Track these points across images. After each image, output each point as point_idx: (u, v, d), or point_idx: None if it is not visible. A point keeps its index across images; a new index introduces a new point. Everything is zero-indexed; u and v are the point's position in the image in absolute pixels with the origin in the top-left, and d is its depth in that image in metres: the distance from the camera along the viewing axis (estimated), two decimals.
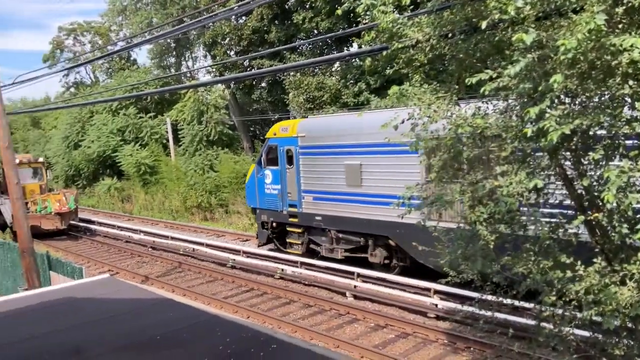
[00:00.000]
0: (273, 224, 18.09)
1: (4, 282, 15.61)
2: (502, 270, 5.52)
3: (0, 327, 6.14)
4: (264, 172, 18.03)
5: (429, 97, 4.99)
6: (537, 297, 5.21)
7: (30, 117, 57.21)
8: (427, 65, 5.65)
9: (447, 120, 4.94)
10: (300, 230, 17.20)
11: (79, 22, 54.07)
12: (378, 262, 15.08)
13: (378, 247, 15.02)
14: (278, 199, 17.46)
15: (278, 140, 17.36)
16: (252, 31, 29.54)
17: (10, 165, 13.14)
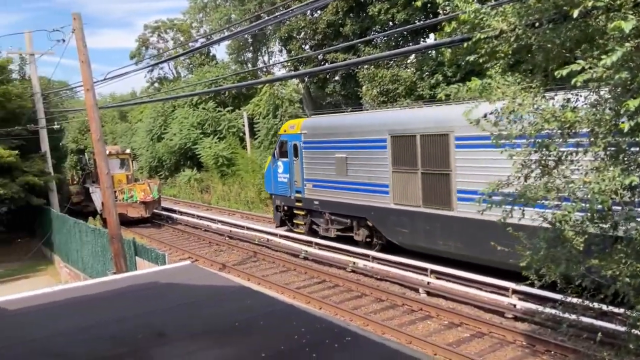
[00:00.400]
0: (284, 207, 21.00)
1: (95, 266, 16.71)
2: (588, 273, 5.22)
3: (93, 308, 6.58)
4: (277, 163, 20.83)
5: (513, 90, 4.76)
6: (628, 302, 4.88)
7: (118, 111, 60.75)
8: (511, 57, 5.42)
9: (533, 114, 4.70)
10: (304, 213, 19.93)
11: (162, 20, 56.63)
12: (361, 239, 17.36)
13: (361, 227, 17.32)
14: (287, 186, 20.25)
15: (287, 137, 20.12)
16: (327, 25, 29.64)
17: (101, 156, 14.03)
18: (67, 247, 20.07)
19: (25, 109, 24.50)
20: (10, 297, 7.10)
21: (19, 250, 24.90)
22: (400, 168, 15.27)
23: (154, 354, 4.82)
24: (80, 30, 13.27)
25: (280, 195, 21.02)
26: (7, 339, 5.47)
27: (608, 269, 4.42)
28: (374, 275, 15.53)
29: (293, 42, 32.66)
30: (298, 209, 20.17)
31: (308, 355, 4.58)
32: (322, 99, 38.09)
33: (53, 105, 29.86)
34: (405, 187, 15.17)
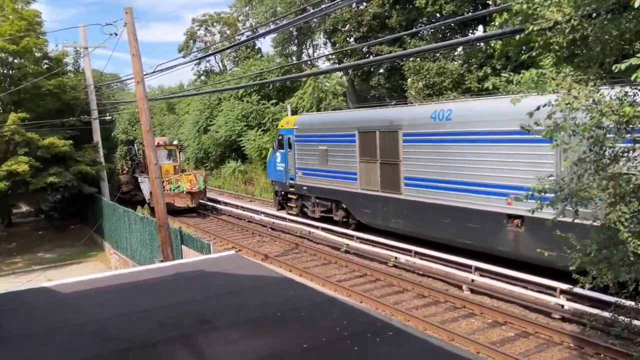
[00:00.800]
0: (282, 192, 24.30)
1: (142, 253, 17.25)
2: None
3: (141, 294, 6.80)
4: (276, 154, 24.05)
5: (570, 81, 4.57)
6: None
7: (167, 103, 62.31)
8: (565, 49, 5.22)
9: (588, 108, 4.51)
10: (296, 197, 23.07)
11: (210, 14, 57.58)
12: (339, 219, 20.45)
13: (339, 209, 20.39)
14: (283, 173, 23.47)
15: (284, 131, 23.38)
16: (373, 17, 29.39)
17: (150, 147, 14.41)
18: (116, 235, 20.79)
19: (79, 100, 25.46)
20: (64, 281, 7.42)
21: (71, 236, 25.99)
22: (365, 158, 18.28)
23: (199, 340, 4.93)
24: (132, 24, 13.64)
25: (278, 181, 24.42)
26: (60, 320, 5.73)
27: None
28: (416, 271, 15.38)
29: (338, 35, 32.56)
30: (291, 193, 23.33)
31: (349, 347, 4.58)
32: (366, 92, 37.89)
33: (105, 97, 30.93)
34: (369, 174, 18.12)
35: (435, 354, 4.54)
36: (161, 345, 4.87)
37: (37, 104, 23.97)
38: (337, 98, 34.08)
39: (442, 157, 15.03)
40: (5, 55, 23.39)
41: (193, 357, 4.61)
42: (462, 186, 14.44)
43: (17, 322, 5.73)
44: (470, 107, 15.05)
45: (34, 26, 23.98)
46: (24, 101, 23.85)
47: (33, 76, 23.06)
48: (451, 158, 14.72)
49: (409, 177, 16.32)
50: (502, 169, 13.22)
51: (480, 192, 13.94)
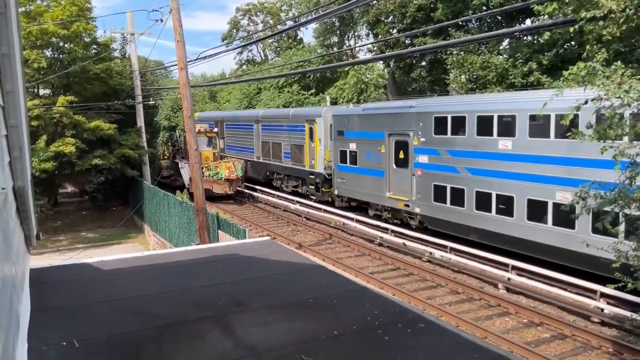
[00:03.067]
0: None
1: (180, 236, 17.63)
2: None
3: (178, 274, 6.95)
4: None
5: (620, 76, 4.37)
6: None
7: (209, 90, 63.14)
8: (618, 42, 5.01)
9: None
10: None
11: (253, 3, 57.89)
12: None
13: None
14: None
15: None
16: (417, 8, 28.92)
17: (191, 133, 14.67)
18: (156, 217, 21.31)
19: (124, 85, 26.12)
20: (104, 259, 7.65)
21: (113, 217, 26.81)
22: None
23: (233, 321, 5.01)
24: (177, 10, 13.86)
25: None
26: (99, 295, 5.91)
27: None
28: (451, 267, 15.20)
29: (381, 26, 32.21)
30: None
31: (380, 336, 4.56)
32: (408, 84, 37.47)
33: (149, 83, 31.58)
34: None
35: (466, 348, 4.47)
36: (196, 323, 4.97)
37: (84, 87, 24.73)
38: (378, 90, 33.80)
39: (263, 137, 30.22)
40: (56, 40, 24.17)
41: (226, 337, 4.68)
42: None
43: (58, 295, 5.95)
44: (270, 111, 32.38)
45: (84, 12, 24.68)
46: (72, 85, 24.65)
47: (82, 60, 23.78)
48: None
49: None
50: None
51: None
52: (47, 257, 19.40)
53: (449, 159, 16.56)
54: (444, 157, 16.79)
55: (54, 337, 4.59)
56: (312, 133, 24.91)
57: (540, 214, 13.48)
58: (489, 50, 24.73)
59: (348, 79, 34.91)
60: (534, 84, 20.77)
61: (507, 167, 14.53)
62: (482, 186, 15.27)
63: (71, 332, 4.69)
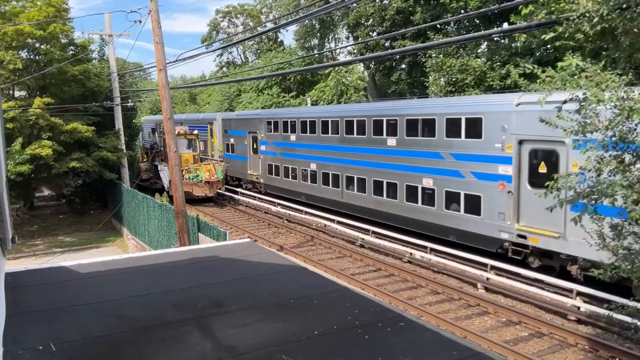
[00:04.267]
0: None
1: (160, 239, 17.45)
2: None
3: (157, 276, 6.88)
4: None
5: (600, 76, 4.45)
6: None
7: (188, 93, 62.76)
8: (592, 42, 5.11)
9: (616, 104, 4.40)
10: None
11: (233, 5, 57.76)
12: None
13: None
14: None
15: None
16: (397, 12, 29.18)
17: (171, 134, 14.54)
18: (135, 221, 21.05)
19: (102, 87, 25.77)
20: (82, 262, 7.54)
21: (91, 221, 26.40)
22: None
23: (212, 322, 4.98)
24: (156, 11, 13.75)
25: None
26: (77, 298, 5.83)
27: None
28: (431, 268, 15.32)
29: (360, 29, 32.42)
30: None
31: (361, 335, 4.58)
32: (387, 87, 37.71)
33: (127, 85, 31.24)
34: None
35: (445, 346, 4.52)
36: (175, 326, 4.93)
37: (61, 89, 24.33)
38: (358, 92, 33.96)
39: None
40: (32, 41, 23.76)
41: (206, 338, 4.65)
42: None
43: (34, 298, 5.85)
44: (190, 115, 40.25)
45: (61, 13, 24.30)
46: (49, 86, 24.24)
47: (58, 62, 23.41)
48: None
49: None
50: None
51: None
52: (23, 262, 19.03)
53: (273, 147, 26.60)
54: (271, 147, 26.73)
55: (30, 341, 4.51)
56: (212, 131, 33.80)
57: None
58: (467, 54, 25.05)
59: (328, 81, 35.02)
60: (512, 86, 21.09)
61: (301, 151, 24.14)
62: (288, 163, 25.34)
63: (48, 336, 4.62)
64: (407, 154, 17.40)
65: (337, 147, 21.37)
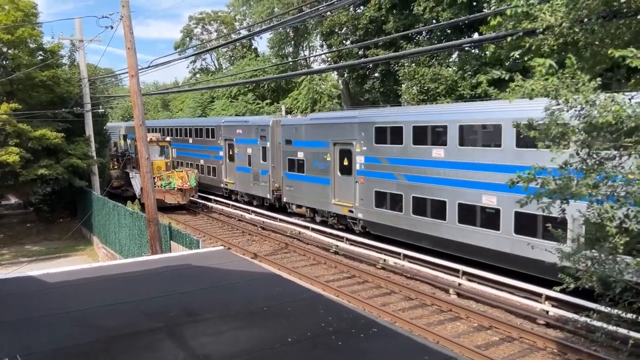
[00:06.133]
0: None
1: (131, 248, 17.17)
2: (628, 281, 5.07)
3: (128, 285, 6.78)
4: None
5: (569, 83, 4.60)
6: None
7: (161, 99, 62.10)
8: (556, 55, 5.28)
9: (584, 108, 4.56)
10: None
11: (207, 12, 57.49)
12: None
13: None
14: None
15: None
16: (369, 21, 29.49)
17: (142, 141, 14.37)
18: (105, 229, 20.67)
19: (72, 93, 25.29)
20: (50, 271, 7.39)
21: (60, 229, 25.80)
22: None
23: (185, 331, 4.94)
24: (128, 17, 13.61)
25: None
26: (45, 308, 5.71)
27: None
28: (404, 274, 15.45)
29: (334, 37, 32.64)
30: None
31: (334, 342, 4.61)
32: (361, 95, 38.01)
33: (98, 91, 30.75)
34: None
35: (417, 351, 4.58)
36: (145, 335, 4.87)
37: (30, 95, 23.77)
38: (332, 100, 34.14)
39: None
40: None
41: (178, 347, 4.61)
42: None
43: (0, 308, 5.70)
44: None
45: (30, 17, 23.80)
46: (17, 92, 23.65)
47: (27, 67, 22.90)
48: None
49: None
50: None
51: None
52: None
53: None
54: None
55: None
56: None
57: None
58: (439, 63, 25.47)
59: (301, 89, 35.13)
60: (482, 95, 21.53)
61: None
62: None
63: (15, 347, 4.51)
64: None
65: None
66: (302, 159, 22.01)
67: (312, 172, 21.42)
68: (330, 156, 20.30)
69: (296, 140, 22.36)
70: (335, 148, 20.14)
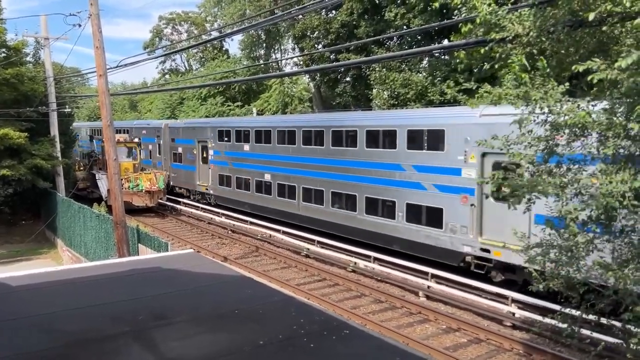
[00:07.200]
0: None
1: (97, 251, 16.80)
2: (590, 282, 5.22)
3: (95, 288, 6.62)
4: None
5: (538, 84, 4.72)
6: (629, 310, 4.87)
7: (129, 100, 61.02)
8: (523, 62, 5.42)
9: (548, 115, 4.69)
10: None
11: (177, 12, 56.84)
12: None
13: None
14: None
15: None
16: (341, 25, 29.66)
17: (110, 142, 14.09)
18: (70, 231, 20.18)
19: (37, 92, 24.62)
20: (13, 274, 7.15)
21: (22, 232, 25.04)
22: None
23: (153, 335, 4.85)
24: (97, 15, 13.35)
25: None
26: (6, 313, 5.52)
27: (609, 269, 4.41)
28: (374, 277, 15.54)
29: (306, 41, 32.70)
30: None
31: (306, 344, 4.59)
32: (332, 99, 38.15)
33: (64, 91, 30.04)
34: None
35: (389, 352, 4.60)
36: (112, 339, 4.75)
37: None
38: (304, 104, 34.15)
39: None
40: None
41: (146, 351, 4.52)
42: None
43: None
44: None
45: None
46: None
47: None
48: None
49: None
50: None
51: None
52: None
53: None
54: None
55: None
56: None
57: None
58: (409, 69, 25.78)
59: (271, 92, 35.06)
60: (451, 101, 21.85)
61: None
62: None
63: None
64: None
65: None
66: (180, 152, 30.04)
67: (186, 162, 29.52)
68: (196, 150, 28.29)
69: (177, 139, 30.51)
70: (199, 144, 28.15)
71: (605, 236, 4.87)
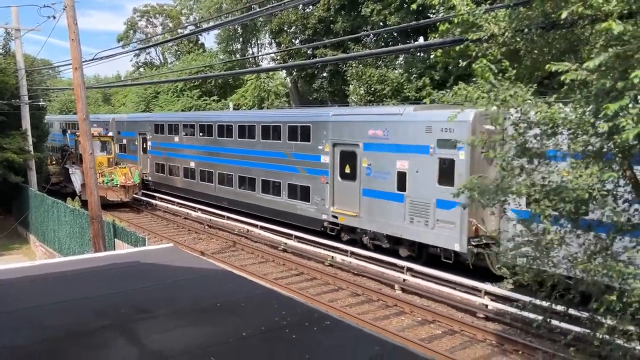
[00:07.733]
0: None
1: (72, 246, 16.58)
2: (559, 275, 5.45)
3: (75, 283, 6.60)
4: None
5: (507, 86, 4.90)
6: (592, 304, 5.10)
7: (102, 93, 59.95)
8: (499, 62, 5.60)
9: (519, 114, 4.88)
10: None
11: (152, 5, 56.03)
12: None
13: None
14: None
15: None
16: (318, 20, 29.71)
17: (86, 136, 13.93)
18: (43, 227, 19.85)
19: (8, 84, 24.06)
20: None
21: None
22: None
23: (136, 328, 4.89)
24: (72, 7, 13.16)
25: None
26: None
27: (580, 264, 4.63)
28: (352, 270, 15.73)
29: (283, 36, 32.66)
30: None
31: (288, 335, 4.71)
32: (309, 94, 38.20)
33: (36, 83, 29.43)
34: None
35: (368, 342, 4.76)
36: (96, 333, 4.78)
37: None
38: (280, 98, 34.13)
39: None
40: None
41: (130, 344, 4.57)
42: None
43: None
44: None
45: None
46: None
47: None
48: None
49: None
50: None
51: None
52: None
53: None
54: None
55: None
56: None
57: None
58: (385, 65, 26.00)
59: (247, 86, 34.94)
60: (426, 97, 22.15)
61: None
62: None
63: None
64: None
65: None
66: (125, 143, 33.05)
67: (130, 152, 32.48)
68: (137, 142, 31.27)
69: (123, 131, 33.25)
70: (140, 137, 31.03)
71: (574, 230, 5.09)
